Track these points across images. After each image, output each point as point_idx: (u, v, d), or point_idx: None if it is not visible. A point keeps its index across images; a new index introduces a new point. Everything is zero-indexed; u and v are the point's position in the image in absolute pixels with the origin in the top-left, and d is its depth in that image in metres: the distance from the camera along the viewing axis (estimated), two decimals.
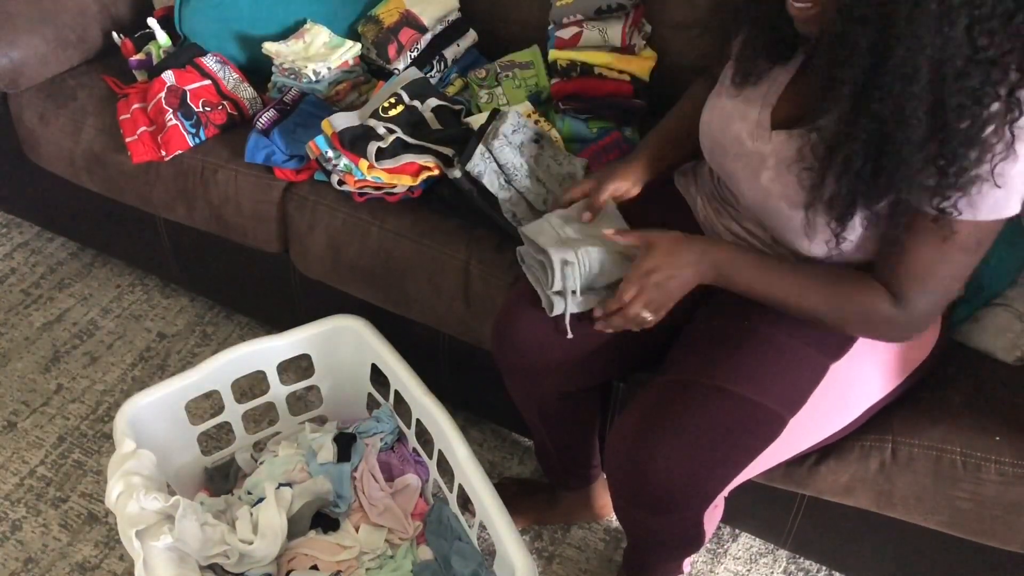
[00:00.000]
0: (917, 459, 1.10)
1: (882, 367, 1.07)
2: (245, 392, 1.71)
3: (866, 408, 1.10)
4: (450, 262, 1.40)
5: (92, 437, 1.69)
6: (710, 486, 1.02)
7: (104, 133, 1.68)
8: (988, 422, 1.10)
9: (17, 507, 1.57)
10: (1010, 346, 1.19)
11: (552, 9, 1.58)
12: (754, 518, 1.38)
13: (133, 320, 1.95)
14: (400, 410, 1.55)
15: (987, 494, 1.07)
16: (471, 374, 1.55)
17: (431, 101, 1.53)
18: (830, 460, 1.15)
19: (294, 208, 1.53)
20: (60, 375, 1.82)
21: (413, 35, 1.65)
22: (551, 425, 1.33)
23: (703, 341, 1.09)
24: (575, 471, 1.45)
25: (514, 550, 1.16)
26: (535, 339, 1.16)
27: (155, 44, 1.76)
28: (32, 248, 2.14)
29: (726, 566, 1.49)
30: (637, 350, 1.22)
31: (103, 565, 1.48)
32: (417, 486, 1.52)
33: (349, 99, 1.67)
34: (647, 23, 1.59)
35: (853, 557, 1.33)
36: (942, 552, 1.22)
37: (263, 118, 1.57)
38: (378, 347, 1.46)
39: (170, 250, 1.83)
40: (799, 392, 1.03)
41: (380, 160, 1.42)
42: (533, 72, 1.65)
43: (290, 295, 1.72)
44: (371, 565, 1.41)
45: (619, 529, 1.53)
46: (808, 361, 1.03)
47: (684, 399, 1.01)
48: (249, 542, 1.32)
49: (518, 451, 1.68)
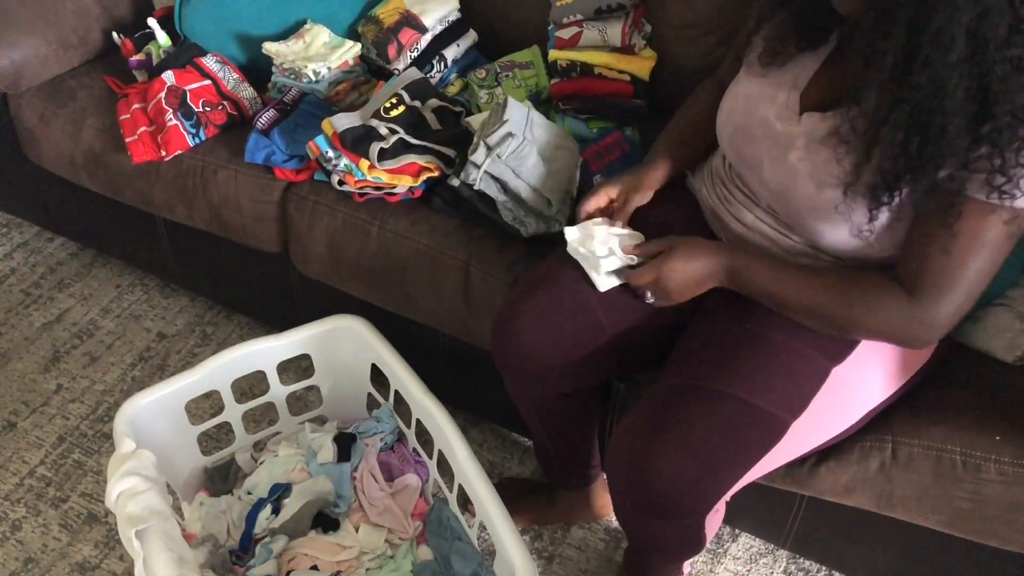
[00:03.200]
0: (917, 459, 1.10)
1: (884, 369, 1.07)
2: (245, 392, 1.71)
3: (868, 410, 1.09)
4: (450, 262, 1.40)
5: (92, 437, 1.69)
6: (713, 491, 1.01)
7: (104, 133, 1.68)
8: (988, 422, 1.09)
9: (17, 507, 1.57)
10: (1010, 346, 1.18)
11: (552, 9, 1.58)
12: (754, 518, 1.38)
13: (133, 320, 1.95)
14: (400, 410, 1.55)
15: (987, 494, 1.07)
16: (471, 374, 1.55)
17: (432, 102, 1.53)
18: (830, 461, 1.14)
19: (294, 208, 1.53)
20: (60, 375, 1.82)
21: (413, 35, 1.65)
22: (551, 425, 1.33)
23: (705, 344, 1.09)
24: (575, 471, 1.45)
25: (514, 550, 1.16)
26: (534, 340, 1.16)
27: (155, 44, 1.76)
28: (32, 248, 2.14)
29: (726, 566, 1.49)
30: (637, 351, 1.21)
31: (103, 565, 1.48)
32: (417, 486, 1.52)
33: (349, 99, 1.67)
34: (647, 23, 1.59)
35: (853, 557, 1.33)
36: (942, 552, 1.22)
37: (263, 118, 1.57)
38: (378, 347, 1.46)
39: (170, 250, 1.83)
40: (801, 396, 1.02)
41: (382, 161, 1.42)
42: (533, 72, 1.65)
43: (290, 295, 1.72)
44: (371, 565, 1.41)
45: (619, 529, 1.53)
46: (810, 364, 1.02)
47: (687, 404, 1.01)
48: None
49: (518, 451, 1.68)
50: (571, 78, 1.58)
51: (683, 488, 0.99)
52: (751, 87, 1.09)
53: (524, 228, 1.36)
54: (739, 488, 1.06)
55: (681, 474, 0.98)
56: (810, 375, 1.02)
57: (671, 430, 0.99)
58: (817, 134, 0.99)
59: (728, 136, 1.12)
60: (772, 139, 1.04)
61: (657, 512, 1.03)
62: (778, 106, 1.04)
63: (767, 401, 1.00)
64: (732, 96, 1.12)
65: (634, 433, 1.02)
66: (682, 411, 1.00)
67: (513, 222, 1.36)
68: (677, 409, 1.01)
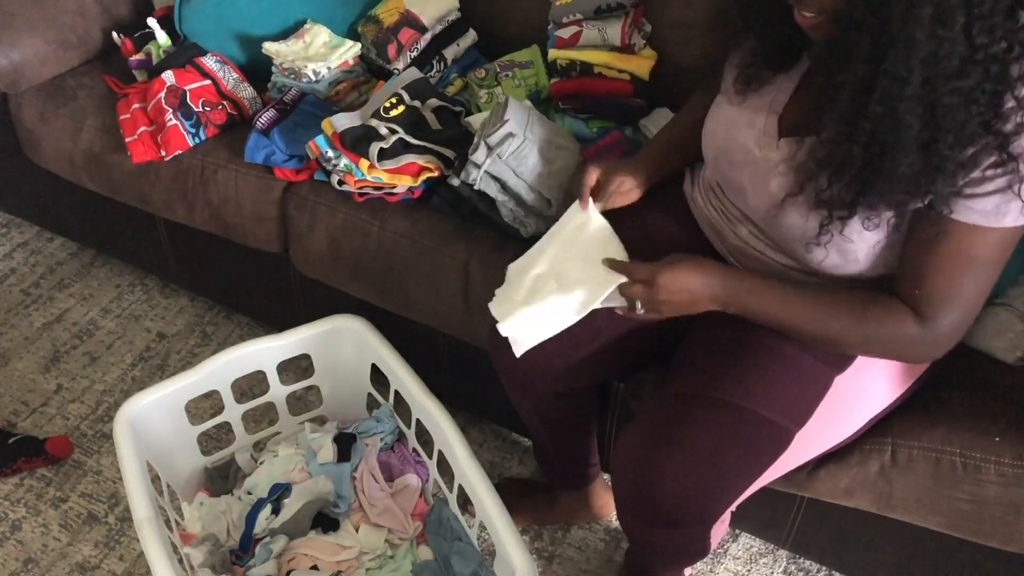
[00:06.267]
0: (917, 461, 1.10)
1: (887, 376, 1.06)
2: (245, 392, 1.71)
3: (871, 417, 1.09)
4: (450, 262, 1.40)
5: (92, 437, 1.69)
6: (718, 502, 1.01)
7: (104, 133, 1.68)
8: (988, 423, 1.09)
9: (17, 507, 1.57)
10: (1010, 346, 1.18)
11: (552, 8, 1.58)
12: (754, 518, 1.38)
13: (133, 320, 1.95)
14: (400, 410, 1.55)
15: (987, 495, 1.07)
16: (471, 374, 1.55)
17: (432, 101, 1.53)
18: (830, 464, 1.14)
19: (294, 208, 1.53)
20: (60, 375, 1.82)
21: (413, 35, 1.65)
22: (549, 425, 1.33)
23: (708, 352, 1.08)
24: (574, 471, 1.45)
25: (514, 550, 1.16)
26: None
27: (155, 44, 1.76)
28: (32, 248, 2.14)
29: (726, 566, 1.49)
30: (634, 352, 1.21)
31: (103, 565, 1.48)
32: (417, 486, 1.52)
33: (349, 99, 1.67)
34: (647, 22, 1.59)
35: (853, 557, 1.33)
36: (942, 552, 1.22)
37: (263, 118, 1.57)
38: (378, 347, 1.46)
39: (170, 250, 1.83)
40: (805, 405, 1.02)
41: (382, 160, 1.42)
42: (533, 72, 1.65)
43: (290, 295, 1.72)
44: (371, 565, 1.42)
45: (619, 529, 1.53)
46: (813, 373, 1.02)
47: (692, 413, 1.00)
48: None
49: (518, 451, 1.68)
50: (571, 77, 1.58)
51: (689, 499, 0.99)
52: (730, 112, 1.08)
53: (524, 228, 1.36)
54: (744, 498, 1.06)
55: (687, 485, 0.98)
56: (813, 384, 1.02)
57: (677, 440, 0.99)
58: (796, 161, 0.98)
59: (712, 158, 1.12)
60: (753, 166, 1.04)
61: (663, 522, 1.02)
62: (756, 132, 1.04)
63: (773, 411, 1.00)
64: (713, 118, 1.11)
65: (639, 443, 1.02)
66: (688, 421, 1.00)
67: (513, 222, 1.36)
68: (683, 419, 1.00)
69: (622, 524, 1.17)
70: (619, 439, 1.07)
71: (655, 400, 1.06)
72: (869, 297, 0.97)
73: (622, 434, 1.07)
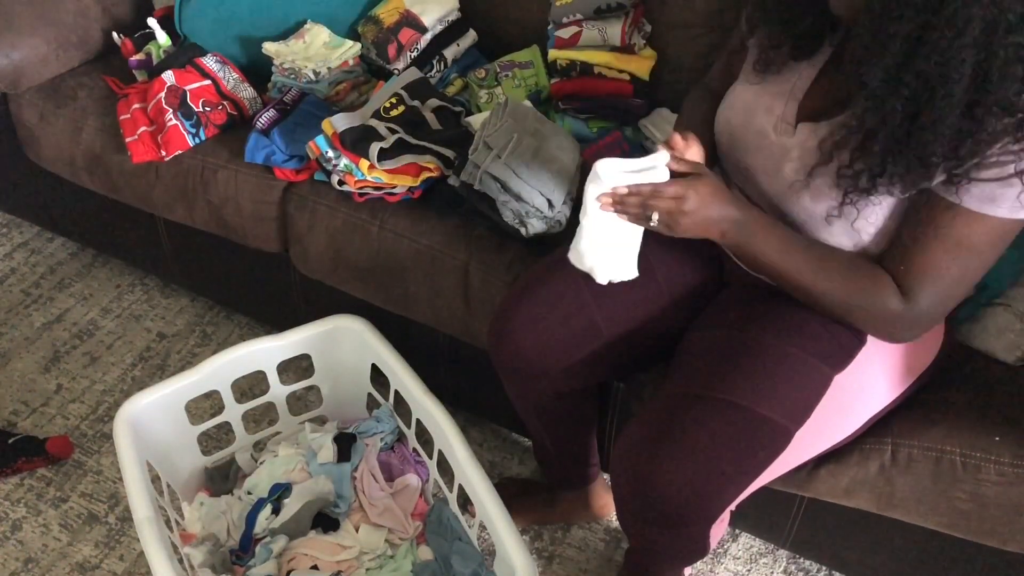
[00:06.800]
0: (917, 461, 1.10)
1: (886, 375, 1.07)
2: (245, 392, 1.71)
3: (871, 416, 1.09)
4: (450, 262, 1.40)
5: (92, 437, 1.69)
6: (718, 501, 1.01)
7: (104, 133, 1.68)
8: (988, 422, 1.09)
9: (17, 507, 1.57)
10: (1011, 346, 1.18)
11: (552, 9, 1.58)
12: (754, 518, 1.38)
13: (133, 320, 1.95)
14: (400, 410, 1.55)
15: (987, 494, 1.07)
16: (471, 374, 1.55)
17: (432, 102, 1.53)
18: (830, 463, 1.14)
19: (294, 208, 1.53)
20: (60, 375, 1.82)
21: (413, 35, 1.65)
22: (549, 425, 1.33)
23: (708, 352, 1.08)
24: (574, 471, 1.45)
25: (514, 550, 1.16)
26: (530, 340, 1.16)
27: (155, 44, 1.77)
28: (32, 248, 2.14)
29: (726, 566, 1.49)
30: (634, 352, 1.21)
31: (103, 565, 1.48)
32: (417, 486, 1.52)
33: (349, 99, 1.67)
34: (647, 22, 1.59)
35: (853, 557, 1.33)
36: (942, 552, 1.22)
37: (263, 118, 1.57)
38: (378, 347, 1.46)
39: (170, 250, 1.83)
40: (805, 404, 1.02)
41: (382, 161, 1.42)
42: (533, 72, 1.65)
43: (290, 295, 1.72)
44: (371, 565, 1.42)
45: (619, 529, 1.53)
46: (813, 373, 1.02)
47: (692, 413, 1.00)
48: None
49: (518, 451, 1.68)
50: (571, 77, 1.58)
51: (688, 498, 0.99)
52: (748, 95, 1.08)
53: (524, 228, 1.36)
54: (743, 497, 1.06)
55: (686, 484, 0.98)
56: (813, 384, 1.02)
57: (676, 440, 0.99)
58: (810, 144, 0.99)
59: (726, 144, 1.11)
60: (767, 151, 1.04)
61: (662, 521, 1.02)
62: (774, 118, 1.04)
63: (772, 411, 1.00)
64: (729, 105, 1.11)
65: (639, 443, 1.02)
66: (687, 421, 1.00)
67: (513, 222, 1.36)
68: (682, 418, 1.00)
69: (622, 524, 1.17)
70: (619, 439, 1.07)
71: (655, 400, 1.06)
72: (863, 265, 0.98)
73: (622, 434, 1.07)
